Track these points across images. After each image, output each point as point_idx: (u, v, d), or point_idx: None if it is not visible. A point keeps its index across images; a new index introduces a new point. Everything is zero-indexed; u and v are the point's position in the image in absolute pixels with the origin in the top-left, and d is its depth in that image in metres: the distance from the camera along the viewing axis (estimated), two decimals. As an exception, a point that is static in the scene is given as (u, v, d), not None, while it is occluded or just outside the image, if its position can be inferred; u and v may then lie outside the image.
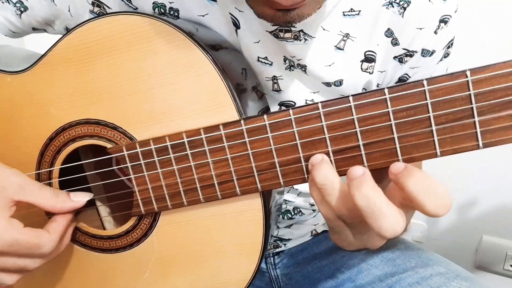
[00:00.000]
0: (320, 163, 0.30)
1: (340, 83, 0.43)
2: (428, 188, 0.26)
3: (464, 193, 0.89)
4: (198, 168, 0.35)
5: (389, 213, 0.27)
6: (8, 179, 0.35)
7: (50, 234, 0.35)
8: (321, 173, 0.30)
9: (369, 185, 0.27)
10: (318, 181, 0.30)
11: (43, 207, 0.36)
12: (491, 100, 0.28)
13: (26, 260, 0.35)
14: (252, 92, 0.44)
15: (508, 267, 0.90)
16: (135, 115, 0.36)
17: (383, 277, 0.49)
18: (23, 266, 0.35)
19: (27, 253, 0.34)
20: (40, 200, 0.35)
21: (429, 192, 0.26)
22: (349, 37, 0.42)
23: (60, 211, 0.36)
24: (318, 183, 0.30)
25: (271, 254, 0.61)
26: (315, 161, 0.31)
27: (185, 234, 0.38)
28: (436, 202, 0.26)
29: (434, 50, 0.44)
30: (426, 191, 0.26)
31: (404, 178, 0.27)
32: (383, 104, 0.29)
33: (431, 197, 0.26)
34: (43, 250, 0.35)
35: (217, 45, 0.42)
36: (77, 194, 0.37)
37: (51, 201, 0.36)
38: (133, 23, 0.35)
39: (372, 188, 0.27)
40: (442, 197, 0.26)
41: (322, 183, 0.30)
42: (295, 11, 0.31)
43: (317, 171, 0.30)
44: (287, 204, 0.50)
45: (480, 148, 0.29)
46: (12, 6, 0.45)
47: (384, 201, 0.27)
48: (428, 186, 0.26)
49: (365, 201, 0.27)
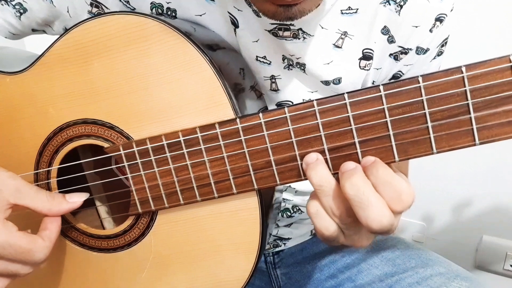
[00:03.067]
0: (316, 164, 0.30)
1: (338, 81, 0.43)
2: (386, 181, 0.28)
3: (464, 193, 0.89)
4: (195, 167, 0.35)
5: (376, 203, 0.28)
6: (5, 182, 0.35)
7: (44, 241, 0.34)
8: (318, 173, 0.30)
9: (359, 176, 0.28)
10: (315, 182, 0.30)
11: (39, 211, 0.35)
12: (487, 96, 0.27)
13: (17, 266, 0.34)
14: (251, 91, 0.44)
15: (508, 267, 0.89)
16: (131, 114, 0.37)
17: (383, 277, 0.49)
18: (14, 272, 0.34)
19: (19, 259, 0.34)
20: (36, 203, 0.35)
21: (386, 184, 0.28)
22: (347, 35, 0.42)
23: (57, 213, 0.36)
24: (315, 184, 0.30)
25: (271, 253, 0.60)
26: (310, 161, 0.31)
27: (182, 233, 0.38)
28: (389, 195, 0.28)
29: (428, 48, 0.44)
30: (385, 183, 0.28)
31: (368, 171, 0.29)
32: (379, 101, 0.29)
33: (385, 189, 0.28)
34: (36, 257, 0.34)
35: (214, 45, 0.42)
36: (73, 195, 0.37)
37: (47, 204, 0.35)
38: (130, 23, 0.35)
39: (362, 179, 0.28)
40: (397, 191, 0.28)
41: (320, 184, 0.30)
42: (296, 7, 0.31)
43: (313, 172, 0.30)
44: (285, 202, 0.50)
45: (477, 144, 0.28)
46: (12, 8, 0.45)
47: (372, 192, 0.28)
48: (387, 179, 0.28)
49: (354, 190, 0.28)
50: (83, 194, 0.38)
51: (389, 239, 0.54)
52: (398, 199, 0.28)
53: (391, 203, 0.28)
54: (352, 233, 0.31)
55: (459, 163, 0.85)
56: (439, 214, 0.94)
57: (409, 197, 0.28)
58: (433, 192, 0.90)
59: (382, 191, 0.28)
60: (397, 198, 0.28)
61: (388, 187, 0.28)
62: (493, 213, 0.87)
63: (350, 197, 0.28)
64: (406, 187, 0.28)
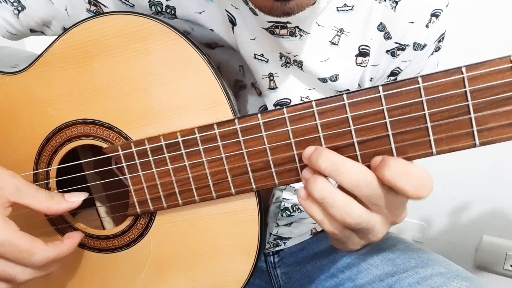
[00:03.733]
0: (314, 178, 0.30)
1: (336, 78, 0.43)
2: (404, 172, 0.27)
3: (464, 193, 0.89)
4: (193, 168, 0.34)
5: (353, 166, 0.28)
6: (5, 180, 0.35)
7: (46, 246, 0.34)
8: (318, 187, 0.29)
9: (327, 151, 0.29)
10: (317, 196, 0.29)
11: (39, 209, 0.35)
12: (487, 97, 0.27)
13: (17, 268, 0.34)
14: (252, 88, 0.44)
15: (508, 267, 0.89)
16: (130, 114, 0.36)
17: (383, 277, 0.49)
18: (12, 275, 0.34)
19: (18, 258, 0.33)
20: (35, 202, 0.35)
21: (405, 176, 0.27)
22: (343, 32, 0.42)
23: (56, 212, 0.36)
24: (317, 198, 0.29)
25: (271, 253, 0.60)
26: (306, 176, 0.31)
27: (181, 234, 0.38)
28: (414, 184, 0.27)
29: (426, 43, 0.44)
30: (401, 175, 0.27)
31: (381, 170, 0.28)
32: (378, 102, 0.29)
33: (408, 180, 0.27)
34: (34, 258, 0.33)
35: (213, 43, 0.42)
36: (72, 194, 0.37)
37: (46, 203, 0.36)
38: (129, 23, 0.35)
39: (330, 151, 0.29)
40: (418, 177, 0.27)
41: (322, 197, 0.29)
42: (293, 1, 0.31)
43: (313, 186, 0.30)
44: (285, 201, 0.50)
45: (477, 146, 0.28)
46: (10, 6, 0.45)
47: (346, 158, 0.29)
48: (403, 170, 0.27)
49: (328, 161, 0.29)
50: (82, 194, 0.38)
51: (389, 239, 0.54)
52: (422, 185, 0.27)
53: (419, 191, 0.27)
54: (366, 232, 0.31)
55: (459, 164, 0.85)
56: (439, 214, 0.94)
57: (430, 181, 0.28)
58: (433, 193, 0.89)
59: (405, 183, 0.27)
60: (421, 185, 0.27)
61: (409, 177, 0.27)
62: (493, 213, 0.87)
63: (326, 170, 0.29)
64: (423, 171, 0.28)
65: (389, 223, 0.31)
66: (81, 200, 0.37)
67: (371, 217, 0.30)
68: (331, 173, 0.29)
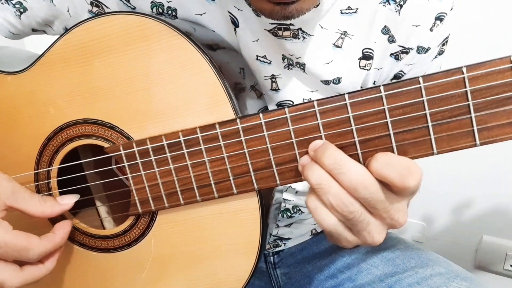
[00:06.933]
0: (311, 164, 0.30)
1: (338, 81, 0.43)
2: (389, 162, 0.28)
3: (464, 193, 0.89)
4: (195, 167, 0.35)
5: (354, 168, 0.29)
6: (2, 183, 0.35)
7: (40, 240, 0.35)
8: (314, 173, 0.30)
9: (333, 147, 0.30)
10: (313, 181, 0.30)
11: (33, 214, 0.36)
12: (488, 97, 0.27)
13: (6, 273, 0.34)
14: (251, 91, 0.44)
15: (508, 267, 0.89)
16: (132, 114, 0.37)
17: (383, 277, 0.49)
18: (1, 281, 0.34)
19: (16, 256, 0.34)
20: (29, 207, 0.36)
21: (390, 165, 0.28)
22: (347, 35, 0.42)
23: (50, 216, 0.37)
24: (313, 184, 0.30)
25: (271, 253, 0.60)
26: (304, 162, 0.31)
27: (182, 234, 0.38)
28: (399, 172, 0.28)
29: (429, 47, 0.44)
30: (387, 165, 0.28)
31: (370, 164, 0.29)
32: (379, 102, 0.29)
33: (393, 168, 0.28)
34: (30, 254, 0.34)
35: (214, 45, 0.42)
36: (64, 197, 0.38)
37: (40, 208, 0.36)
38: (130, 23, 0.35)
39: (336, 149, 0.30)
40: (403, 166, 0.28)
41: (318, 183, 0.30)
42: (293, 6, 0.31)
43: (309, 171, 0.30)
44: (286, 202, 0.50)
45: (477, 145, 0.28)
46: (12, 7, 0.45)
47: (350, 159, 0.29)
48: (388, 161, 0.28)
49: (331, 158, 0.29)
50: (74, 196, 0.38)
51: (389, 239, 0.54)
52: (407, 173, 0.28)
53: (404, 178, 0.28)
54: (360, 228, 0.31)
55: (459, 164, 0.85)
56: (439, 214, 0.94)
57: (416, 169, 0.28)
58: (433, 192, 0.90)
59: (390, 172, 0.28)
60: (406, 172, 0.28)
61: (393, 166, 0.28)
62: (493, 213, 0.87)
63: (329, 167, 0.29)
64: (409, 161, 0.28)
65: (387, 226, 0.32)
66: (73, 202, 0.38)
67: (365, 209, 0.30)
68: (332, 170, 0.29)
